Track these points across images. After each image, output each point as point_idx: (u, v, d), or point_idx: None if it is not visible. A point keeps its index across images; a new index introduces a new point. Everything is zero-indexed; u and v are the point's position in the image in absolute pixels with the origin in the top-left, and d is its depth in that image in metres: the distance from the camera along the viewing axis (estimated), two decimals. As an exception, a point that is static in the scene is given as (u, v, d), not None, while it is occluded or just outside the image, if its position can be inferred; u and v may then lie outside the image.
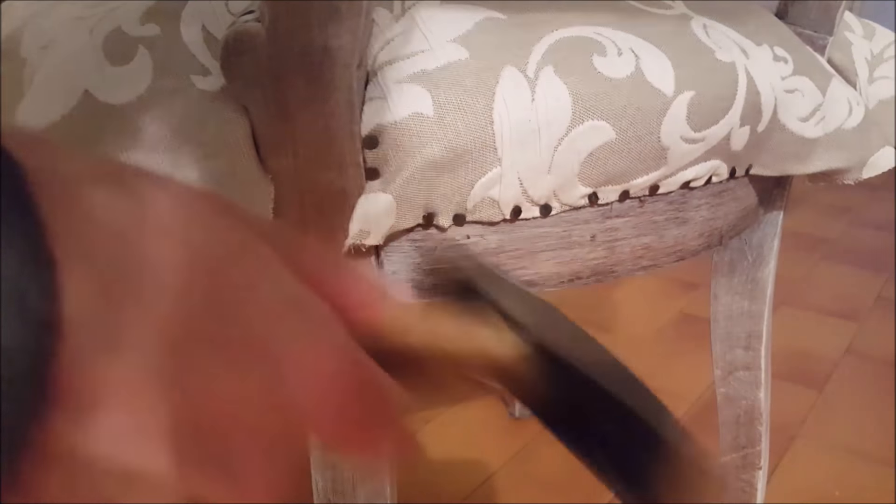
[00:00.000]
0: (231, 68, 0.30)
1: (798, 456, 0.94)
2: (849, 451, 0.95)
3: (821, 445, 0.96)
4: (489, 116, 0.31)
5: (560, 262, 0.37)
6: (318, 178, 0.31)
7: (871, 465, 0.93)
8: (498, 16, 0.34)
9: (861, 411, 1.04)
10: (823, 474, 0.90)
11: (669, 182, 0.37)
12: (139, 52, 0.32)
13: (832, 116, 0.40)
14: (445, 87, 0.31)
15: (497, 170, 0.32)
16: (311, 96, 0.30)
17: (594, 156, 0.33)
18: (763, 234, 0.50)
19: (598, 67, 0.32)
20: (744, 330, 0.52)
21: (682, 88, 0.34)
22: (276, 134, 0.31)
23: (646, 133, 0.33)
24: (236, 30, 0.29)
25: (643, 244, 0.38)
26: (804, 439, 0.98)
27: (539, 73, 0.32)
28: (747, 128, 0.37)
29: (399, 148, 0.31)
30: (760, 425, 0.54)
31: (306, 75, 0.29)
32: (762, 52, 0.38)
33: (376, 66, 0.32)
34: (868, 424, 1.01)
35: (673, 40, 0.35)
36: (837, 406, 1.05)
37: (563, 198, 0.34)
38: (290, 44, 0.29)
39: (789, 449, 0.95)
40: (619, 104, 0.32)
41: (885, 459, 0.94)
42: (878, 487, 0.88)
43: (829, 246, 1.65)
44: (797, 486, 0.88)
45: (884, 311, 1.34)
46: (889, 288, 1.43)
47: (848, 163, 0.41)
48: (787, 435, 0.98)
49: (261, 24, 0.29)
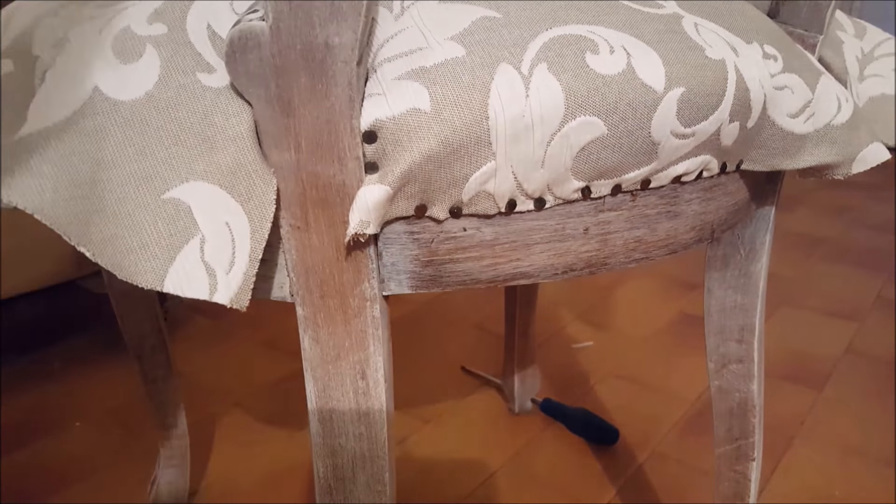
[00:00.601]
0: (236, 65, 0.31)
1: (798, 456, 0.95)
2: (849, 451, 0.96)
3: (821, 445, 0.97)
4: (484, 112, 0.32)
5: (554, 254, 0.38)
6: (320, 172, 0.33)
7: (871, 465, 0.93)
8: (495, 15, 0.35)
9: (861, 411, 1.05)
10: (823, 474, 0.91)
11: (661, 176, 0.38)
12: (147, 51, 0.33)
13: (821, 113, 0.41)
14: (442, 84, 0.32)
15: (492, 164, 0.33)
16: (313, 92, 0.31)
17: (586, 150, 0.34)
18: (755, 228, 0.50)
19: (591, 65, 0.33)
20: (737, 323, 0.53)
21: (672, 85, 0.35)
22: (280, 128, 0.32)
23: (637, 128, 0.34)
24: (241, 28, 0.30)
25: (635, 237, 0.39)
26: (804, 439, 0.98)
27: (533, 70, 0.33)
28: (737, 123, 0.38)
29: (397, 142, 0.32)
30: (754, 417, 0.55)
31: (308, 71, 0.30)
32: (752, 50, 0.39)
33: (376, 64, 0.34)
34: (868, 424, 1.01)
35: (664, 38, 0.36)
36: (837, 406, 1.06)
37: (557, 191, 0.35)
38: (292, 41, 0.30)
39: (789, 449, 0.96)
40: (611, 100, 0.33)
41: (885, 459, 0.94)
42: (878, 487, 0.88)
43: (828, 246, 1.66)
44: (797, 486, 0.88)
45: (884, 311, 1.34)
46: (889, 288, 1.44)
47: (837, 158, 0.42)
48: (787, 435, 0.99)
49: (265, 22, 0.30)
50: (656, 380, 1.11)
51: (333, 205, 0.33)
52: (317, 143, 0.32)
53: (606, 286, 1.42)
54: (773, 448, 0.96)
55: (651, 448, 0.96)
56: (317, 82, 0.31)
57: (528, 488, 0.88)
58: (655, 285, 1.41)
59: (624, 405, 1.05)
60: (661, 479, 0.90)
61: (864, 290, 1.43)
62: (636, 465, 0.92)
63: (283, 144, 0.32)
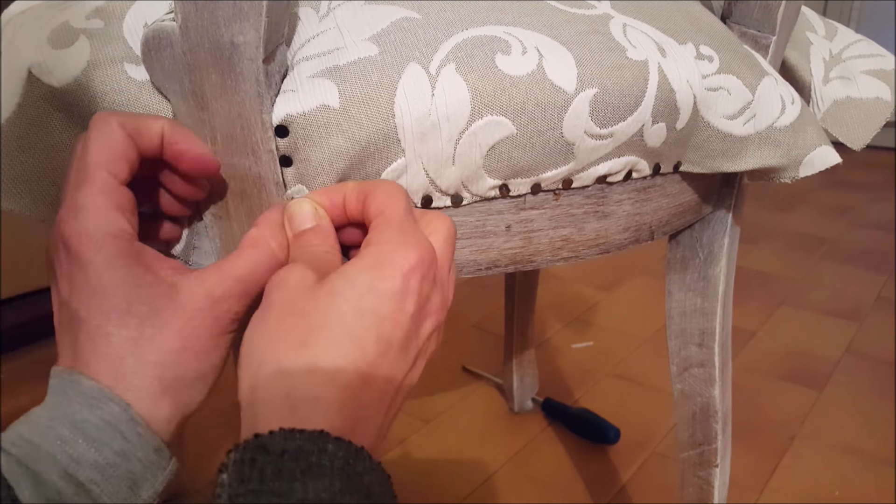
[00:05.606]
0: (152, 62, 0.33)
1: (798, 456, 0.93)
2: (849, 451, 0.94)
3: (821, 445, 0.95)
4: (391, 110, 0.33)
5: (477, 251, 0.38)
6: (236, 164, 0.34)
7: (871, 465, 0.91)
8: (415, 16, 0.36)
9: (861, 411, 1.03)
10: (823, 474, 0.90)
11: (583, 177, 0.38)
12: (79, 40, 0.35)
13: (763, 114, 0.41)
14: (352, 82, 0.33)
15: (402, 160, 0.34)
16: (224, 87, 0.32)
17: (496, 149, 0.35)
18: (713, 231, 0.50)
19: (500, 65, 0.34)
20: (697, 327, 0.52)
21: (584, 86, 0.35)
22: (196, 122, 0.33)
23: (547, 128, 0.35)
24: (154, 27, 0.32)
25: (561, 236, 0.39)
26: (804, 439, 0.97)
27: (441, 70, 0.33)
28: (662, 125, 0.38)
29: (308, 138, 0.33)
30: (716, 423, 0.54)
31: (217, 68, 0.32)
32: (683, 51, 0.38)
33: (295, 62, 0.35)
34: (868, 424, 1.00)
35: (583, 40, 0.36)
36: (837, 406, 1.04)
37: (473, 188, 0.36)
38: (201, 40, 0.31)
39: (789, 449, 0.95)
40: (518, 100, 0.34)
41: (885, 459, 0.92)
42: (878, 487, 0.87)
43: (829, 246, 1.62)
44: (797, 486, 0.87)
45: (884, 311, 1.31)
46: (889, 288, 1.40)
47: (781, 161, 0.42)
48: (787, 435, 0.97)
49: (175, 22, 0.31)
50: (656, 380, 1.10)
51: (251, 196, 0.35)
52: (231, 136, 0.33)
53: (606, 286, 1.41)
54: (773, 448, 0.95)
55: (651, 448, 0.95)
56: (226, 78, 0.32)
57: (528, 488, 0.88)
58: (655, 285, 1.39)
59: (624, 405, 1.04)
60: (661, 479, 0.89)
61: (864, 290, 1.40)
62: (636, 465, 0.92)
63: (200, 137, 0.34)
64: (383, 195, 0.31)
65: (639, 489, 0.88)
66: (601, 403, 1.03)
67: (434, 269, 0.29)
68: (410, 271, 0.28)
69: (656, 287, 1.39)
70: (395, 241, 0.29)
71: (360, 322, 0.27)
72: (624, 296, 1.38)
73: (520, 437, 0.98)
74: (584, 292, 1.40)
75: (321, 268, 0.29)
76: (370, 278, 0.28)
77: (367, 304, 0.27)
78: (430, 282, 0.29)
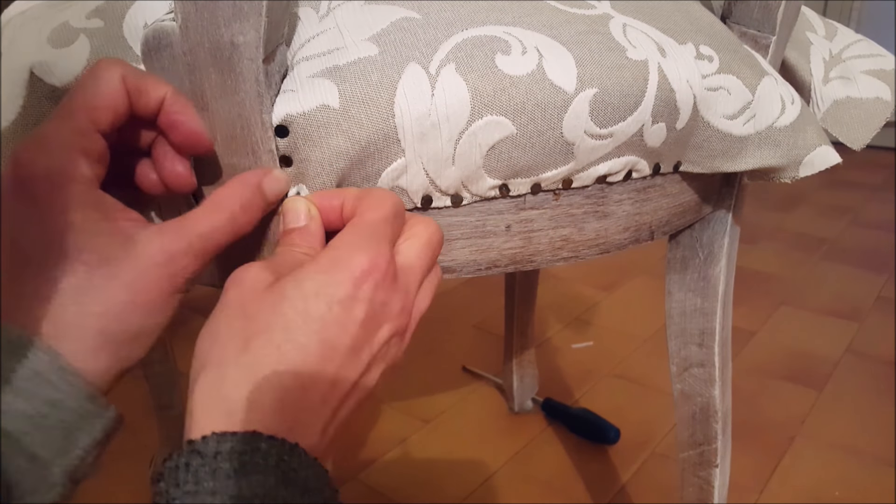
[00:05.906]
0: (152, 62, 0.33)
1: (798, 456, 0.93)
2: (849, 451, 0.94)
3: (821, 445, 0.95)
4: (391, 109, 0.33)
5: (476, 251, 0.38)
6: (236, 163, 0.34)
7: (871, 465, 0.91)
8: (415, 16, 0.36)
9: (861, 411, 1.03)
10: (823, 474, 0.90)
11: (583, 176, 0.38)
12: (79, 39, 0.35)
13: (763, 114, 0.41)
14: (352, 82, 0.33)
15: (402, 160, 0.34)
16: (224, 87, 0.32)
17: (496, 149, 0.35)
18: (713, 231, 0.50)
19: (500, 65, 0.34)
20: (697, 327, 0.52)
21: (584, 86, 0.35)
22: (196, 122, 0.33)
23: (547, 128, 0.35)
24: (154, 27, 0.32)
25: (561, 236, 0.39)
26: (804, 439, 0.97)
27: (441, 70, 0.33)
28: (662, 125, 0.38)
29: (307, 138, 0.33)
30: (716, 423, 0.54)
31: (217, 68, 0.32)
32: (684, 51, 0.38)
33: (295, 62, 0.35)
34: (868, 424, 1.00)
35: (584, 40, 0.36)
36: (837, 406, 1.04)
37: (473, 188, 0.36)
38: (201, 40, 0.31)
39: (789, 449, 0.95)
40: (518, 100, 0.34)
41: (885, 459, 0.92)
42: (878, 487, 0.87)
43: (829, 246, 1.62)
44: (797, 486, 0.87)
45: (884, 311, 1.31)
46: (889, 288, 1.40)
47: (781, 161, 0.42)
48: (787, 435, 0.98)
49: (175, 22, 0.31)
50: (656, 380, 1.10)
51: (251, 196, 0.35)
52: (231, 135, 0.33)
53: (606, 286, 1.41)
54: (773, 448, 0.95)
55: (651, 448, 0.95)
56: (226, 78, 0.32)
57: (528, 488, 0.88)
58: (655, 285, 1.39)
59: (624, 405, 1.04)
60: (661, 479, 0.89)
61: (864, 290, 1.40)
62: (636, 465, 0.92)
63: (200, 137, 0.34)
64: (370, 200, 0.31)
65: (639, 489, 0.88)
66: (601, 403, 1.03)
67: (390, 274, 0.29)
68: (362, 277, 0.28)
69: (656, 287, 1.39)
70: (351, 245, 0.29)
71: (303, 327, 0.27)
72: (624, 296, 1.38)
73: (520, 437, 0.98)
74: (584, 292, 1.40)
75: (291, 269, 0.29)
76: (320, 283, 0.28)
77: (313, 309, 0.27)
78: (385, 288, 0.29)
